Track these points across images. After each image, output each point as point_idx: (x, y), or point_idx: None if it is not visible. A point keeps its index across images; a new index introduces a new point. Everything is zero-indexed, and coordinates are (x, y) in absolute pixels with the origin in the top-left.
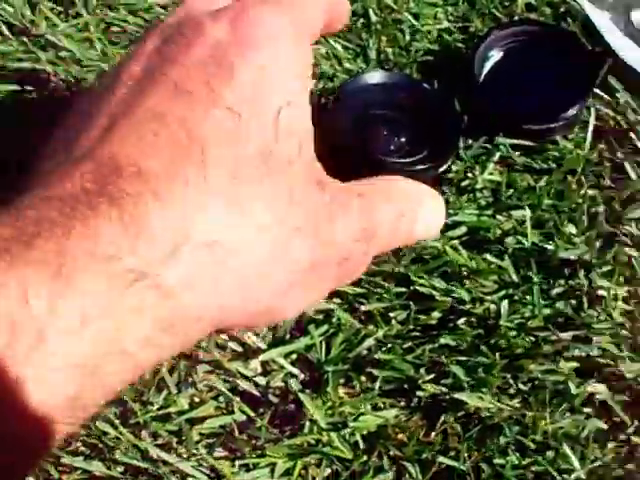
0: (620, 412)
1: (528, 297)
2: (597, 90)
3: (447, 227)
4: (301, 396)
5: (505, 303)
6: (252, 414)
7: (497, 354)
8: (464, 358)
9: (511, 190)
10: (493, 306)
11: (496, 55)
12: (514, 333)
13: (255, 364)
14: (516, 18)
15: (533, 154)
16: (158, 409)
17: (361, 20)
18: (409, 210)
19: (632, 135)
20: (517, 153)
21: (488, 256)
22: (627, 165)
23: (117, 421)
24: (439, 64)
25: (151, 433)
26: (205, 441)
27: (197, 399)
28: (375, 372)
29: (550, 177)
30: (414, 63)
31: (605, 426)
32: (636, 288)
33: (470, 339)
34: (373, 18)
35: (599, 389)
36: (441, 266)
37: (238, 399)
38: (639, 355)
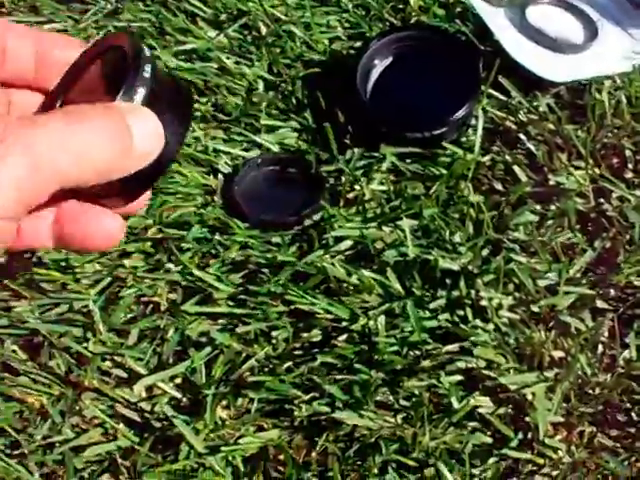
0: (502, 426)
1: (408, 311)
2: (491, 91)
3: (331, 242)
4: (176, 422)
5: (382, 319)
6: (136, 440)
7: (375, 371)
8: (341, 377)
9: (399, 200)
10: (372, 322)
11: (381, 63)
12: (394, 348)
13: (138, 389)
14: (412, 22)
15: (425, 161)
16: (43, 439)
17: (253, 33)
18: (112, 127)
19: (522, 136)
20: (408, 161)
21: (368, 271)
22: (516, 168)
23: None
24: (329, 74)
25: (37, 463)
26: (90, 468)
27: (83, 427)
28: (251, 394)
29: (439, 184)
30: (304, 75)
31: (489, 440)
32: (522, 296)
33: (350, 356)
34: (264, 30)
35: (482, 402)
36: (322, 283)
37: (122, 426)
38: (524, 366)
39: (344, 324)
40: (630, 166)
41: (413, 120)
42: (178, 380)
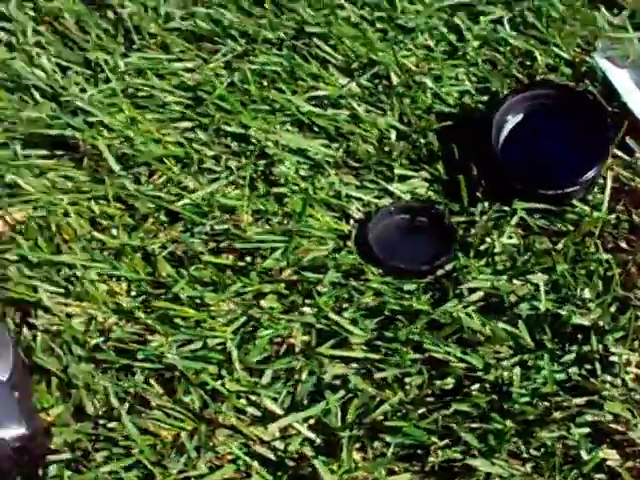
0: (630, 479)
1: (541, 363)
2: (616, 151)
3: (464, 293)
4: (315, 462)
5: (517, 370)
6: (270, 478)
7: (509, 420)
8: (476, 425)
9: (528, 254)
10: (506, 373)
11: (513, 119)
12: (526, 399)
13: (273, 429)
14: (538, 79)
15: (552, 217)
16: (178, 473)
17: (383, 82)
18: None
19: None
20: (537, 216)
21: (502, 322)
22: None
23: None
24: (459, 127)
25: None
26: None
27: (217, 463)
28: (388, 438)
29: (567, 240)
30: (435, 128)
31: None
32: None
33: (483, 405)
34: (395, 80)
35: (610, 455)
36: (456, 332)
37: (256, 463)
38: None
39: (477, 374)
40: None
41: (545, 178)
42: (311, 421)
